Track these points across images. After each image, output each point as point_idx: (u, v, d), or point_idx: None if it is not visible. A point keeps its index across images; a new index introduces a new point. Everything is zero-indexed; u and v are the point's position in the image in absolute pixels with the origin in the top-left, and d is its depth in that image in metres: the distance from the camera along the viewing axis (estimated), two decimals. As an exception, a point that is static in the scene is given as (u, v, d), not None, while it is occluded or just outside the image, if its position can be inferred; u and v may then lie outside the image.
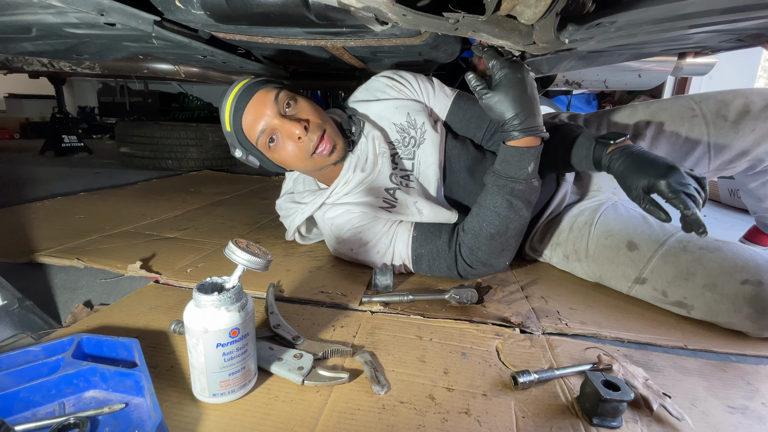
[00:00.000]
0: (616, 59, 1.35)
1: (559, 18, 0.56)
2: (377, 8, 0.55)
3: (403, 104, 0.94)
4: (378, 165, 0.90)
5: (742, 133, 0.87)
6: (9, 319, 0.65)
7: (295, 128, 0.80)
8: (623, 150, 0.73)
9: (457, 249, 0.83)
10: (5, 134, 3.93)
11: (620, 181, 0.72)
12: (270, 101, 0.80)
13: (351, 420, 0.50)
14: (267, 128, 0.81)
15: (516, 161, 0.74)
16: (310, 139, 0.81)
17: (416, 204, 0.88)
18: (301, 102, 0.84)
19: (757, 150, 0.88)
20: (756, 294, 0.69)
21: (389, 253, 0.88)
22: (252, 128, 0.81)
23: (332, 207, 0.91)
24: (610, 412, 0.49)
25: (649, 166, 0.68)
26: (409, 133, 0.92)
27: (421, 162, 0.92)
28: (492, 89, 0.71)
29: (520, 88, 0.70)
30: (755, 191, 1.02)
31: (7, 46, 1.15)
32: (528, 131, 0.71)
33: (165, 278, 0.86)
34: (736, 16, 0.62)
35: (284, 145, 0.82)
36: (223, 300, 0.48)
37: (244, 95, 0.81)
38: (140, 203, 1.51)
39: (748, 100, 0.88)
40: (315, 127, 0.82)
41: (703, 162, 0.92)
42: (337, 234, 0.91)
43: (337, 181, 0.90)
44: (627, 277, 0.83)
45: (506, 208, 0.76)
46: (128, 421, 0.47)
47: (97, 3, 0.72)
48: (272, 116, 0.80)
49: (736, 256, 0.73)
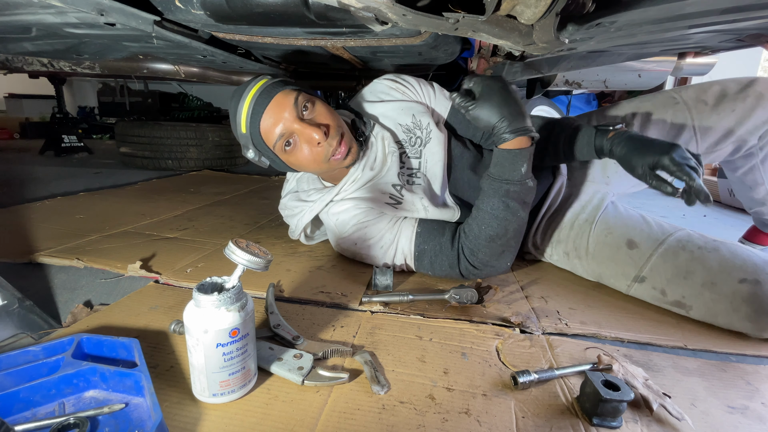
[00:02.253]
0: (616, 59, 1.35)
1: (559, 18, 0.56)
2: (377, 8, 0.55)
3: (408, 106, 0.96)
4: (387, 164, 0.91)
5: (723, 114, 0.92)
6: (9, 319, 0.65)
7: (315, 133, 0.79)
8: (623, 135, 0.78)
9: (460, 249, 0.83)
10: (5, 134, 3.93)
11: (624, 163, 0.76)
12: (290, 104, 0.79)
13: (351, 420, 0.50)
14: (286, 132, 0.80)
15: (509, 164, 0.75)
16: (329, 144, 0.81)
17: (422, 200, 0.90)
18: (318, 105, 0.83)
19: (740, 129, 0.92)
20: (753, 293, 0.70)
21: (392, 249, 0.88)
22: (270, 132, 0.80)
23: (338, 202, 0.92)
24: (610, 412, 0.49)
25: (651, 145, 0.73)
26: (415, 133, 0.94)
27: (428, 160, 0.93)
28: (475, 101, 0.75)
29: (503, 94, 0.74)
30: (744, 179, 1.05)
31: (7, 46, 1.15)
32: (517, 132, 0.73)
33: (165, 278, 0.86)
34: (736, 16, 0.62)
35: (301, 148, 0.82)
36: (223, 300, 0.48)
37: (262, 97, 0.79)
38: (140, 203, 1.51)
39: (724, 86, 0.93)
40: (334, 132, 0.82)
41: (691, 145, 0.96)
42: (341, 229, 0.92)
43: (346, 179, 0.91)
44: (626, 276, 0.83)
45: (503, 210, 0.77)
46: (128, 421, 0.47)
47: (97, 3, 0.72)
48: (292, 120, 0.79)
49: (734, 255, 0.75)
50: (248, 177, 2.19)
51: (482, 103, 0.74)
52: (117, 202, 1.51)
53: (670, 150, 0.70)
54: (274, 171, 2.39)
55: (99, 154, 2.99)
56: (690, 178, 0.67)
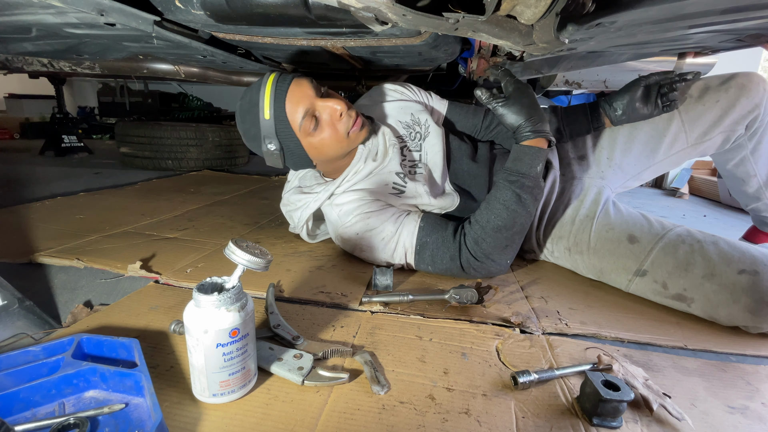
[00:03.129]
0: (616, 59, 1.35)
1: (559, 18, 0.56)
2: (377, 8, 0.55)
3: (407, 105, 1.04)
4: (389, 155, 0.95)
5: (708, 105, 0.96)
6: (9, 319, 0.65)
7: (337, 104, 0.85)
8: (610, 96, 0.98)
9: (462, 239, 0.85)
10: (5, 134, 3.92)
11: (629, 106, 0.96)
12: (308, 85, 0.86)
13: (351, 420, 0.50)
14: (310, 108, 0.85)
15: (528, 159, 0.81)
16: (349, 116, 0.87)
17: (424, 187, 0.94)
18: (331, 92, 0.90)
19: (727, 120, 0.96)
20: (753, 283, 0.71)
21: (393, 242, 0.89)
22: (295, 111, 0.84)
23: (341, 194, 0.93)
24: (610, 412, 0.49)
25: (634, 83, 0.96)
26: (414, 129, 1.01)
27: (428, 152, 0.99)
28: (506, 99, 0.82)
29: (532, 99, 0.82)
30: (736, 172, 1.07)
31: (7, 46, 1.15)
32: (539, 133, 0.80)
33: (165, 278, 0.86)
34: (736, 16, 0.62)
35: (324, 127, 0.87)
36: (223, 300, 0.48)
37: (281, 84, 0.85)
38: (140, 203, 1.51)
39: (707, 81, 0.99)
40: (348, 107, 0.88)
41: (681, 137, 0.99)
42: (344, 219, 0.92)
43: (348, 170, 0.94)
44: (628, 270, 0.84)
45: (515, 202, 0.81)
46: (128, 421, 0.47)
47: (97, 3, 0.72)
48: (313, 97, 0.85)
49: (732, 248, 0.76)
50: (248, 177, 2.19)
51: (512, 102, 0.81)
52: (117, 202, 1.51)
53: (650, 76, 0.93)
54: (274, 171, 2.39)
55: (99, 154, 2.99)
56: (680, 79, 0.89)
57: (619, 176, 1.02)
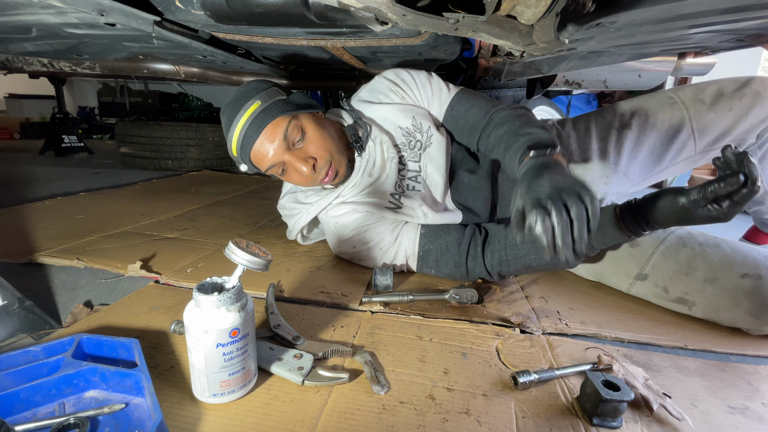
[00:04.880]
0: (616, 59, 1.35)
1: (559, 18, 0.56)
2: (377, 8, 0.55)
3: (408, 108, 0.95)
4: (386, 170, 0.92)
5: (720, 113, 0.91)
6: (9, 319, 0.65)
7: (304, 166, 0.82)
8: (531, 160, 0.68)
9: (479, 252, 0.83)
10: (5, 134, 3.93)
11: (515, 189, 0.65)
12: (280, 135, 0.80)
13: (351, 420, 0.50)
14: (277, 162, 0.83)
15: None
16: (318, 174, 0.85)
17: (421, 207, 0.90)
18: (310, 132, 0.84)
19: (738, 128, 0.91)
20: (755, 287, 0.70)
21: (392, 251, 0.89)
22: (261, 161, 0.83)
23: (338, 205, 0.92)
24: (610, 412, 0.49)
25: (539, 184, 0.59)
26: (415, 136, 0.94)
27: (427, 165, 0.94)
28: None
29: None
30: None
31: (8, 46, 1.15)
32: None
33: (165, 278, 0.86)
34: (736, 16, 0.62)
35: (291, 174, 0.86)
36: (223, 300, 0.48)
37: (253, 128, 0.80)
38: (140, 203, 1.51)
39: (721, 85, 0.93)
40: (323, 162, 0.85)
41: (689, 144, 0.95)
42: (341, 232, 0.92)
43: (345, 184, 0.92)
44: (628, 274, 0.84)
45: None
46: (128, 421, 0.47)
47: (97, 3, 0.72)
48: (281, 152, 0.82)
49: (735, 251, 0.75)
50: (248, 177, 2.19)
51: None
52: (117, 202, 1.51)
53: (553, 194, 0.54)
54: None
55: (99, 154, 2.99)
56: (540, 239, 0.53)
57: (623, 183, 1.00)
